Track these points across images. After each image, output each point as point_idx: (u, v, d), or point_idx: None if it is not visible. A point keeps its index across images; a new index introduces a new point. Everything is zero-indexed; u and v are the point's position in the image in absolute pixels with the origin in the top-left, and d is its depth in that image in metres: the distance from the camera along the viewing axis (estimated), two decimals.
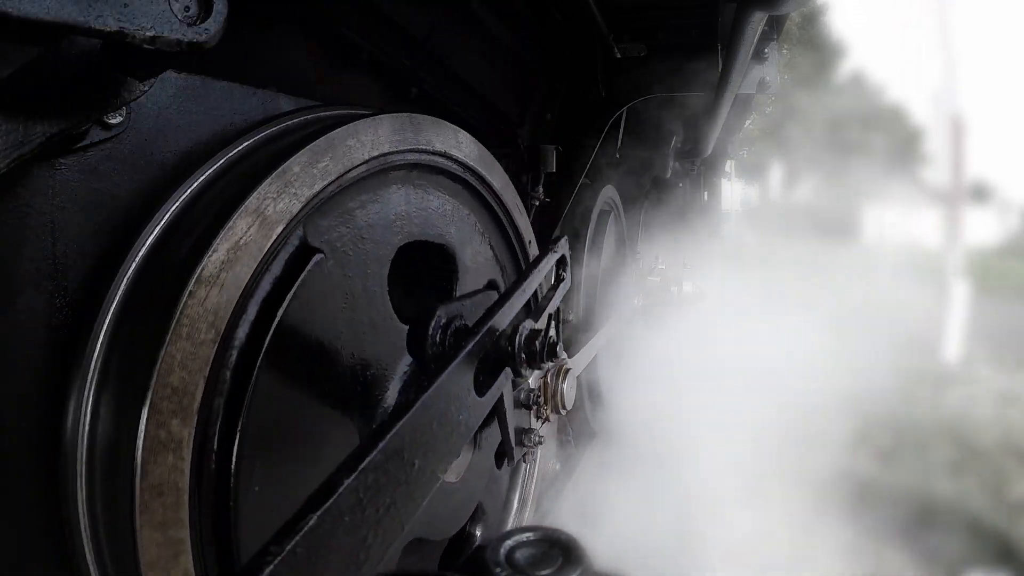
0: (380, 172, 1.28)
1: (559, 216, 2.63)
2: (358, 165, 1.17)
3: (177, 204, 0.97)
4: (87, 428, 0.86)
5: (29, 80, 0.71)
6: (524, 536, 0.63)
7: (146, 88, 0.82)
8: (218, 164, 1.03)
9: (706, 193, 6.86)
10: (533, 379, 1.70)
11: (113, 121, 0.88)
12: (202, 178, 1.00)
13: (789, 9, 1.61)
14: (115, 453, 0.85)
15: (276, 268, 1.04)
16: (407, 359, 1.33)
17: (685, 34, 2.58)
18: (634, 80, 2.64)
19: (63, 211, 0.86)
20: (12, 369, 0.83)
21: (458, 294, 1.52)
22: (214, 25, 0.72)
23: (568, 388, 1.78)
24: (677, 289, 4.64)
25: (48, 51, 0.71)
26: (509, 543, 0.63)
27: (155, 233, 0.94)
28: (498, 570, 0.59)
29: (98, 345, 0.87)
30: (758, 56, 2.80)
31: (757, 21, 1.68)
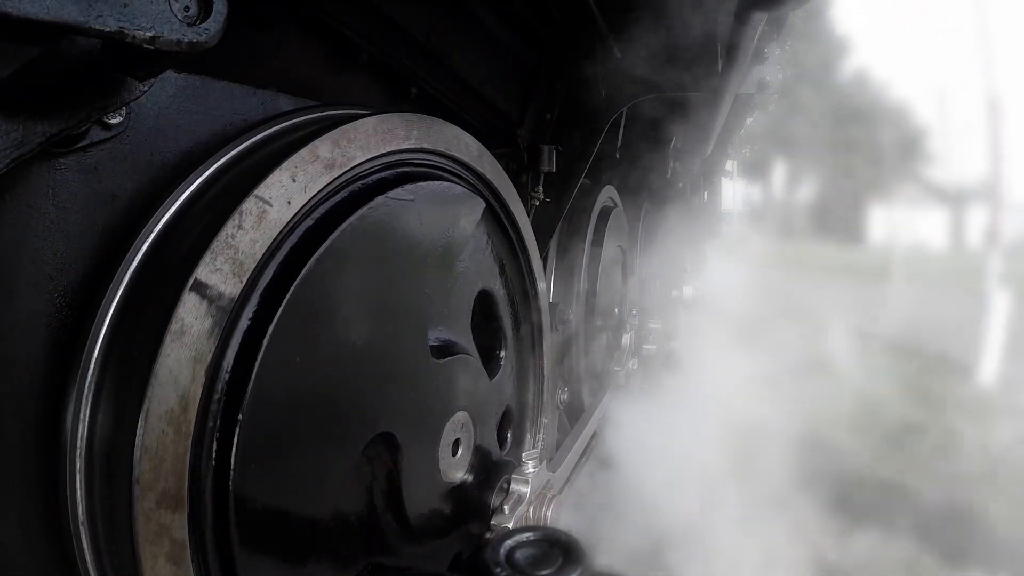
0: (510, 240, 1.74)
1: (559, 216, 2.63)
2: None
3: (177, 204, 0.97)
4: (86, 428, 0.86)
5: (29, 80, 0.71)
6: (524, 536, 0.63)
7: (146, 88, 0.82)
8: (218, 164, 1.03)
9: (706, 193, 6.85)
10: (513, 519, 1.57)
11: (113, 121, 0.88)
12: (202, 178, 1.00)
13: (789, 9, 1.62)
14: (113, 453, 0.84)
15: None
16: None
17: (685, 34, 2.57)
18: (634, 80, 2.63)
19: (63, 211, 0.86)
20: (11, 369, 0.83)
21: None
22: (214, 25, 0.72)
23: (552, 516, 1.68)
24: (678, 294, 4.59)
25: (48, 51, 0.71)
26: (509, 543, 0.63)
27: (155, 233, 0.94)
28: (498, 570, 0.60)
29: (97, 345, 0.87)
30: (758, 56, 2.80)
31: (757, 21, 1.68)
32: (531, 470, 1.65)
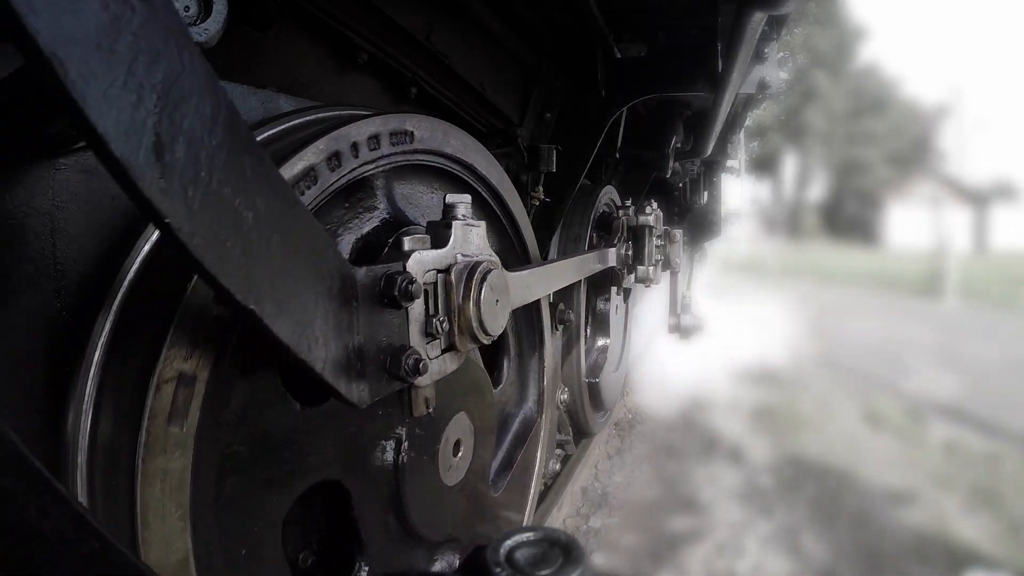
0: None
1: (559, 216, 2.63)
2: None
3: None
4: (88, 428, 0.86)
5: (29, 80, 0.71)
6: (524, 536, 0.63)
7: None
8: None
9: (706, 193, 6.81)
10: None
11: None
12: None
13: (789, 9, 1.61)
14: (115, 453, 0.84)
15: None
16: None
17: (685, 34, 2.57)
18: (634, 80, 2.63)
19: (63, 211, 0.86)
20: (12, 368, 0.83)
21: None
22: (214, 25, 0.72)
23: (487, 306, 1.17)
24: (675, 322, 4.22)
25: None
26: (509, 543, 0.63)
27: (155, 233, 0.94)
28: (498, 570, 0.60)
29: (98, 345, 0.87)
30: (758, 56, 2.80)
31: (757, 21, 1.68)
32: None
